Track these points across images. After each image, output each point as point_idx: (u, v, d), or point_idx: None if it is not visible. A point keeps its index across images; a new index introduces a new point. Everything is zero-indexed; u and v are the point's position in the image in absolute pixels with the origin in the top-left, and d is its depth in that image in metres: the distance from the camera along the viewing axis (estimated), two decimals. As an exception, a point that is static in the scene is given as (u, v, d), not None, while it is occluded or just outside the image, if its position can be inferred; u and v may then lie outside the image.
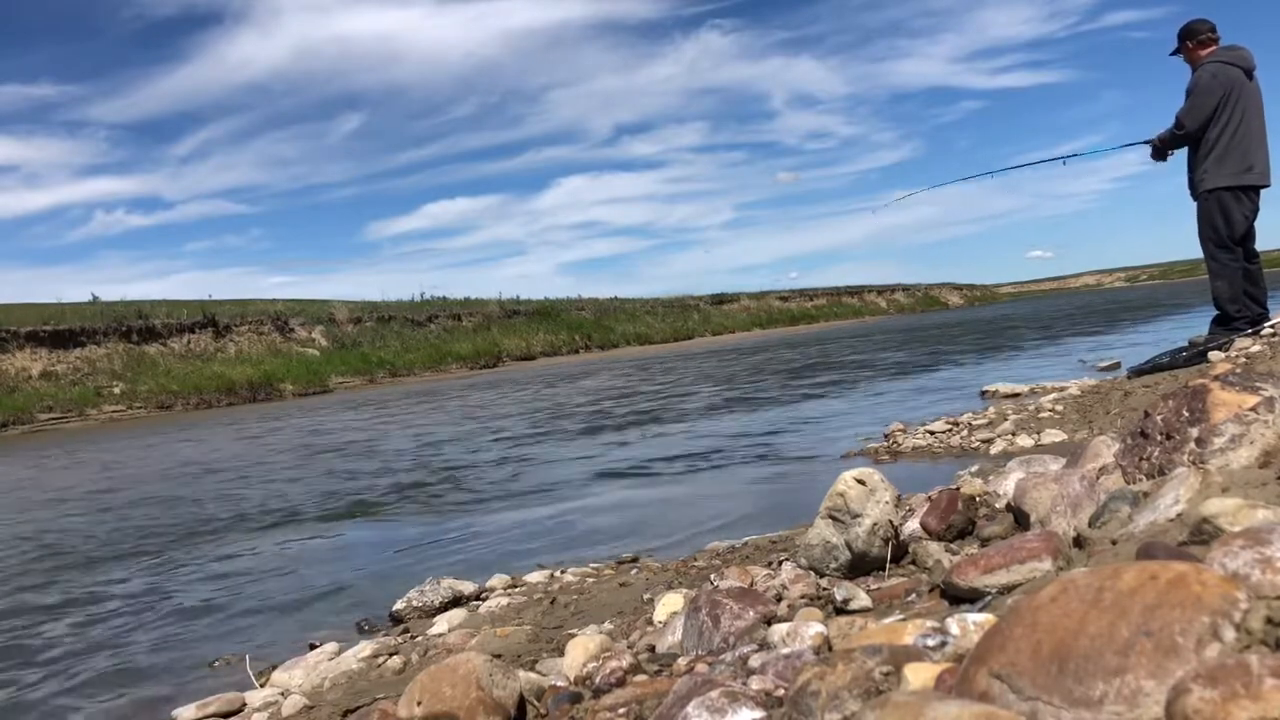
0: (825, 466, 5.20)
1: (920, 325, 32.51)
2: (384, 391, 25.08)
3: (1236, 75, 5.33)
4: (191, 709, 2.44)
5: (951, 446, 5.02)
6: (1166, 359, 5.44)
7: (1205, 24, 5.53)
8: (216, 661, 3.00)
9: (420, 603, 3.17)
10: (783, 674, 1.33)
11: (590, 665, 1.91)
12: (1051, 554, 1.42)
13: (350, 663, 2.58)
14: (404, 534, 4.84)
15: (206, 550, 4.94)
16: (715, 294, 55.68)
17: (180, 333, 30.63)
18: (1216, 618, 0.82)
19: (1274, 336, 4.97)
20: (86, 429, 21.71)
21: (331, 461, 8.69)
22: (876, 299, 70.76)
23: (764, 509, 4.30)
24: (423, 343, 35.23)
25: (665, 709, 1.29)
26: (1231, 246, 5.40)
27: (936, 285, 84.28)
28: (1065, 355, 11.24)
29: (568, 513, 4.88)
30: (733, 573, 2.26)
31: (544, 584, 3.27)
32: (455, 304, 41.62)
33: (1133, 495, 1.46)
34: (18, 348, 26.51)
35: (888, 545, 2.08)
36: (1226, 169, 5.34)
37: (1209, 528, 1.13)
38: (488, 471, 6.82)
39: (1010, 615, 0.96)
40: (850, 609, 1.74)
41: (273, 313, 34.21)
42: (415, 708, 1.66)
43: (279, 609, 3.60)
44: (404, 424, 12.49)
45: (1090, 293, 79.06)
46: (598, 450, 7.31)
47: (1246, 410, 1.51)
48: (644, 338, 42.57)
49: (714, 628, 1.78)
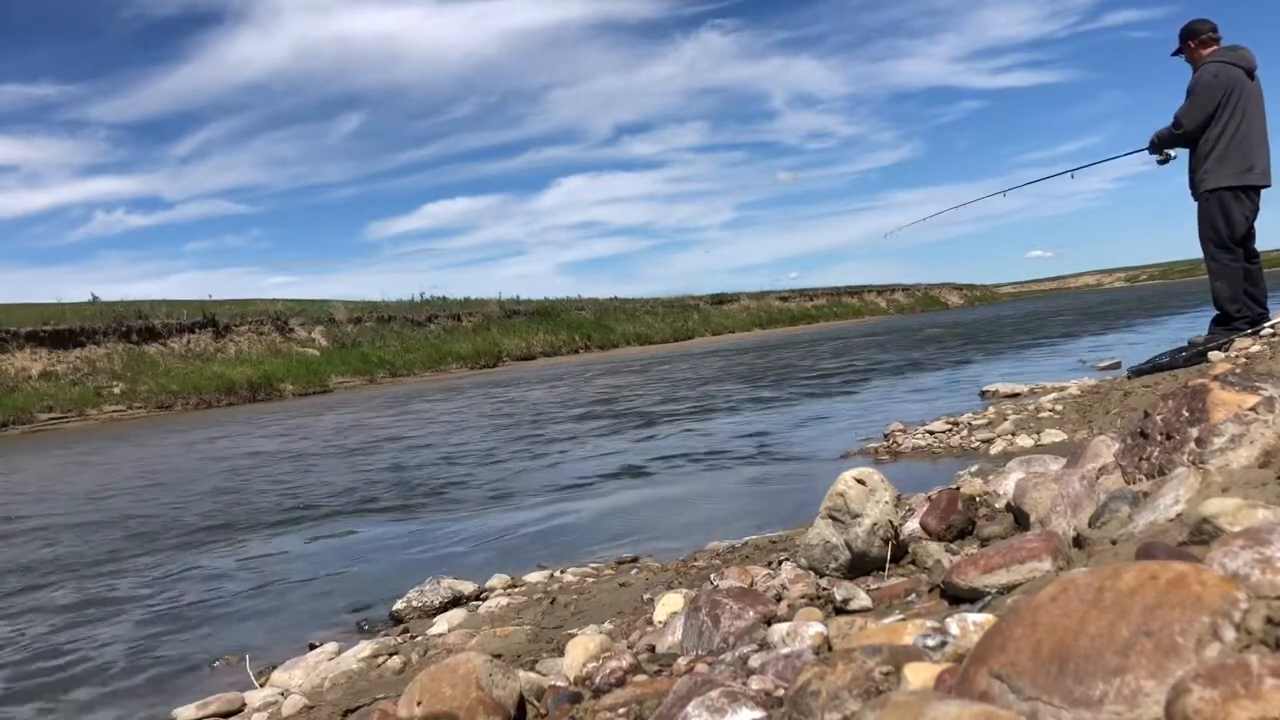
0: (825, 466, 5.20)
1: (920, 325, 32.50)
2: (385, 391, 25.09)
3: (1238, 75, 5.34)
4: (191, 709, 2.44)
5: (951, 446, 5.03)
6: (1166, 359, 5.44)
7: (1207, 24, 5.53)
8: (216, 661, 3.00)
9: (420, 603, 3.17)
10: (783, 674, 1.33)
11: (590, 665, 1.91)
12: (1051, 554, 1.42)
13: (350, 663, 2.59)
14: (404, 533, 4.84)
15: (206, 550, 4.94)
16: (715, 294, 55.63)
17: (180, 333, 30.60)
18: (1216, 618, 0.82)
19: (1274, 336, 4.97)
20: (86, 429, 21.71)
21: (331, 461, 8.69)
22: (876, 299, 70.72)
23: (764, 509, 4.30)
24: (423, 343, 35.22)
25: (665, 709, 1.29)
26: (1231, 247, 5.40)
27: (936, 285, 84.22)
28: (1065, 355, 11.24)
29: (568, 513, 4.88)
30: (733, 573, 2.26)
31: (544, 584, 3.27)
32: (455, 304, 41.58)
33: (1133, 495, 1.46)
34: (18, 348, 26.49)
35: (887, 545, 2.08)
36: (1227, 169, 5.34)
37: (1209, 528, 1.13)
38: (487, 471, 6.82)
39: (1010, 615, 0.96)
40: (850, 609, 1.74)
41: (273, 313, 34.18)
42: (415, 708, 1.66)
43: (279, 609, 3.60)
44: (404, 424, 12.49)
45: (1090, 293, 79.05)
46: (598, 450, 7.31)
47: (1246, 410, 1.51)
48: (644, 338, 42.54)
49: (714, 628, 1.78)
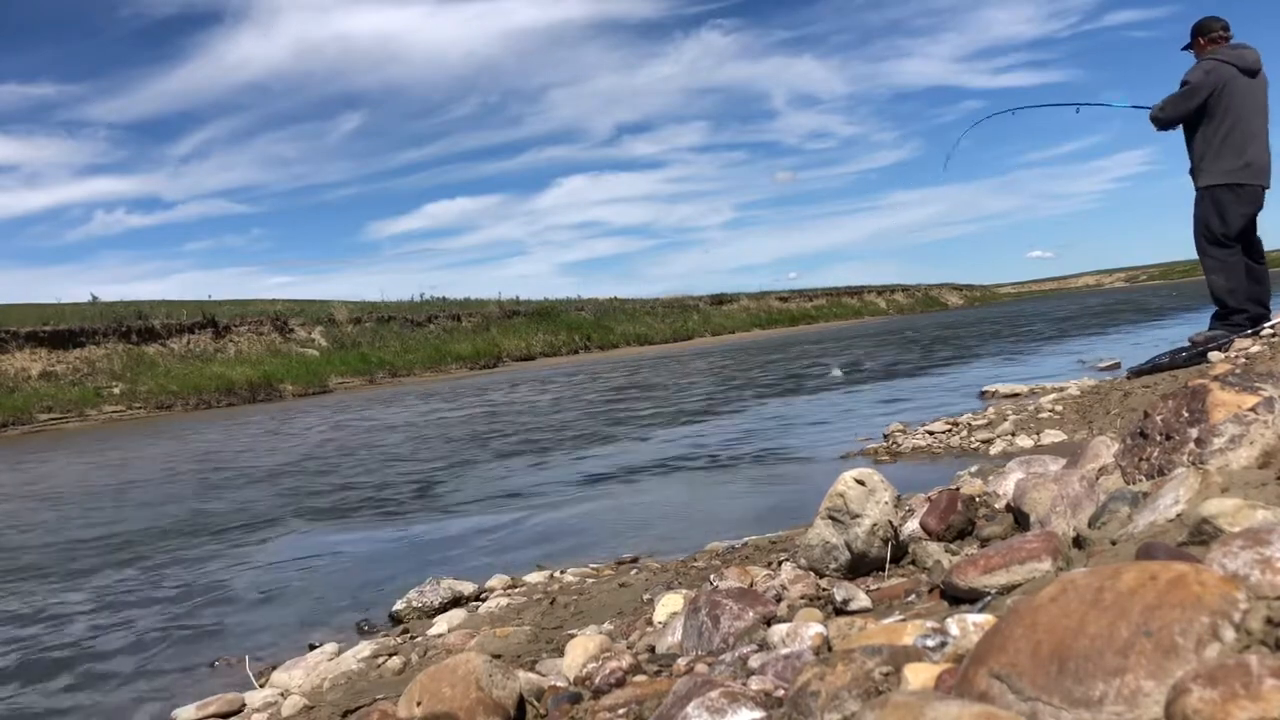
0: (825, 466, 5.20)
1: (920, 325, 32.51)
2: (385, 391, 25.09)
3: (1229, 73, 5.34)
4: (191, 709, 2.44)
5: (951, 447, 5.03)
6: (1166, 359, 5.44)
7: (1218, 21, 5.55)
8: (216, 661, 3.00)
9: (420, 603, 3.17)
10: (782, 674, 1.33)
11: (590, 665, 1.91)
12: (1051, 554, 1.42)
13: (350, 663, 2.59)
14: (404, 534, 4.83)
15: (206, 550, 4.94)
16: (715, 294, 55.61)
17: (180, 333, 30.58)
18: (1216, 618, 0.82)
19: (1274, 336, 4.97)
20: (86, 429, 21.70)
21: (330, 461, 8.68)
22: (876, 299, 70.69)
23: (764, 509, 4.29)
24: (423, 343, 35.20)
25: (665, 709, 1.29)
26: (1225, 243, 5.40)
27: (936, 285, 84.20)
28: (1065, 355, 11.25)
29: (568, 513, 4.88)
30: (732, 573, 2.26)
31: (544, 584, 3.27)
32: (455, 304, 41.58)
33: (1132, 495, 1.46)
34: (17, 348, 26.46)
35: (887, 545, 2.08)
36: (1221, 166, 5.36)
37: (1209, 528, 1.13)
38: (487, 471, 6.82)
39: (1010, 615, 0.96)
40: (850, 609, 1.74)
41: (272, 313, 34.16)
42: (415, 708, 1.66)
43: (279, 609, 3.60)
44: (406, 423, 12.49)
45: (1090, 293, 79.06)
46: (597, 451, 7.32)
47: (1246, 410, 1.51)
48: (644, 338, 42.52)
49: (714, 628, 1.78)
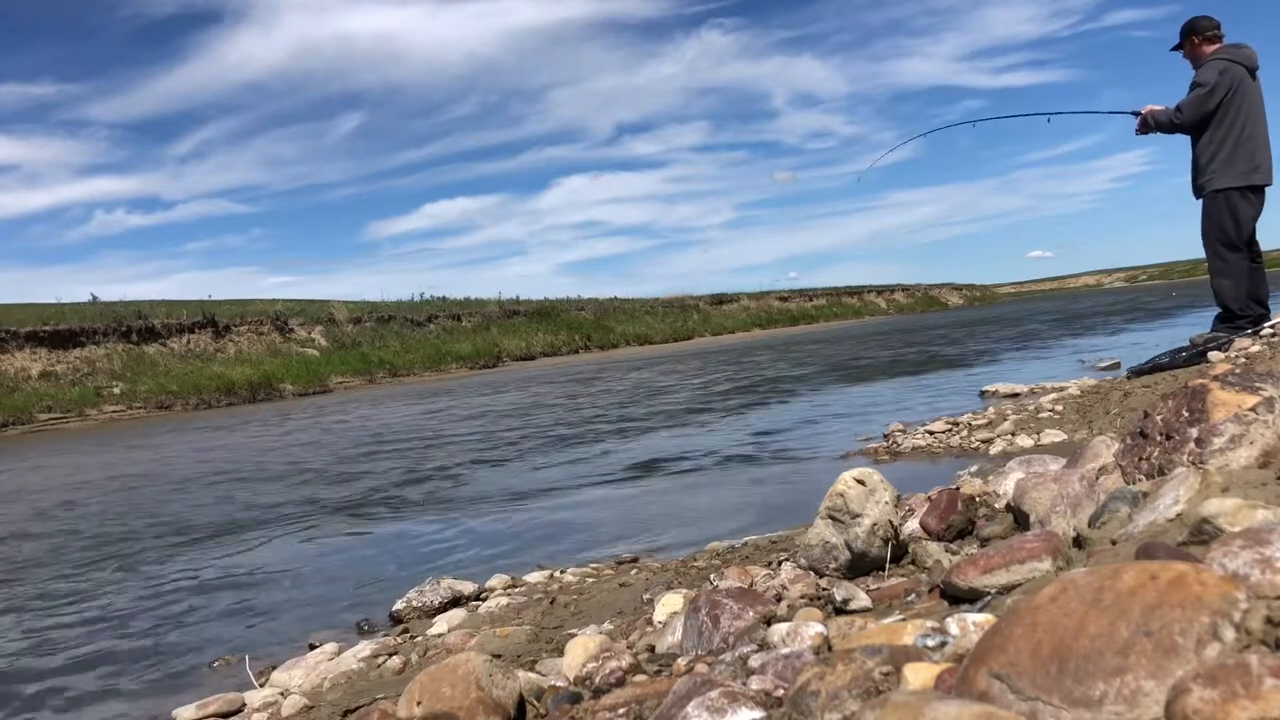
0: (825, 466, 5.20)
1: (920, 325, 32.50)
2: (385, 391, 25.08)
3: (1241, 74, 5.34)
4: (191, 709, 2.44)
5: (951, 446, 5.03)
6: (1166, 359, 5.44)
7: (1210, 21, 5.54)
8: (216, 661, 3.00)
9: (420, 603, 3.17)
10: (782, 674, 1.33)
11: (590, 665, 1.91)
12: (1051, 554, 1.42)
13: (350, 663, 2.59)
14: (404, 533, 4.83)
15: (206, 550, 4.94)
16: (715, 294, 55.59)
17: (180, 333, 30.56)
18: (1216, 618, 0.82)
19: (1274, 336, 4.97)
20: (86, 429, 21.69)
21: (330, 462, 8.68)
22: (876, 299, 70.68)
23: (764, 509, 4.30)
24: (423, 343, 35.20)
25: (665, 709, 1.29)
26: (1239, 246, 5.41)
27: (936, 285, 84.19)
28: (1065, 355, 11.24)
29: (567, 513, 4.88)
30: (732, 573, 2.26)
31: (544, 584, 3.27)
32: (455, 304, 41.58)
33: (1132, 495, 1.46)
34: (17, 348, 26.46)
35: (887, 545, 2.08)
36: (1235, 169, 5.35)
37: (1209, 528, 1.13)
38: (486, 471, 6.82)
39: (1010, 615, 0.96)
40: (850, 609, 1.74)
41: (272, 313, 34.15)
42: (415, 708, 1.66)
43: (278, 609, 3.60)
44: (405, 423, 12.49)
45: (1090, 293, 79.07)
46: (597, 451, 7.31)
47: (1246, 410, 1.51)
48: (644, 338, 42.51)
49: (714, 628, 1.78)
